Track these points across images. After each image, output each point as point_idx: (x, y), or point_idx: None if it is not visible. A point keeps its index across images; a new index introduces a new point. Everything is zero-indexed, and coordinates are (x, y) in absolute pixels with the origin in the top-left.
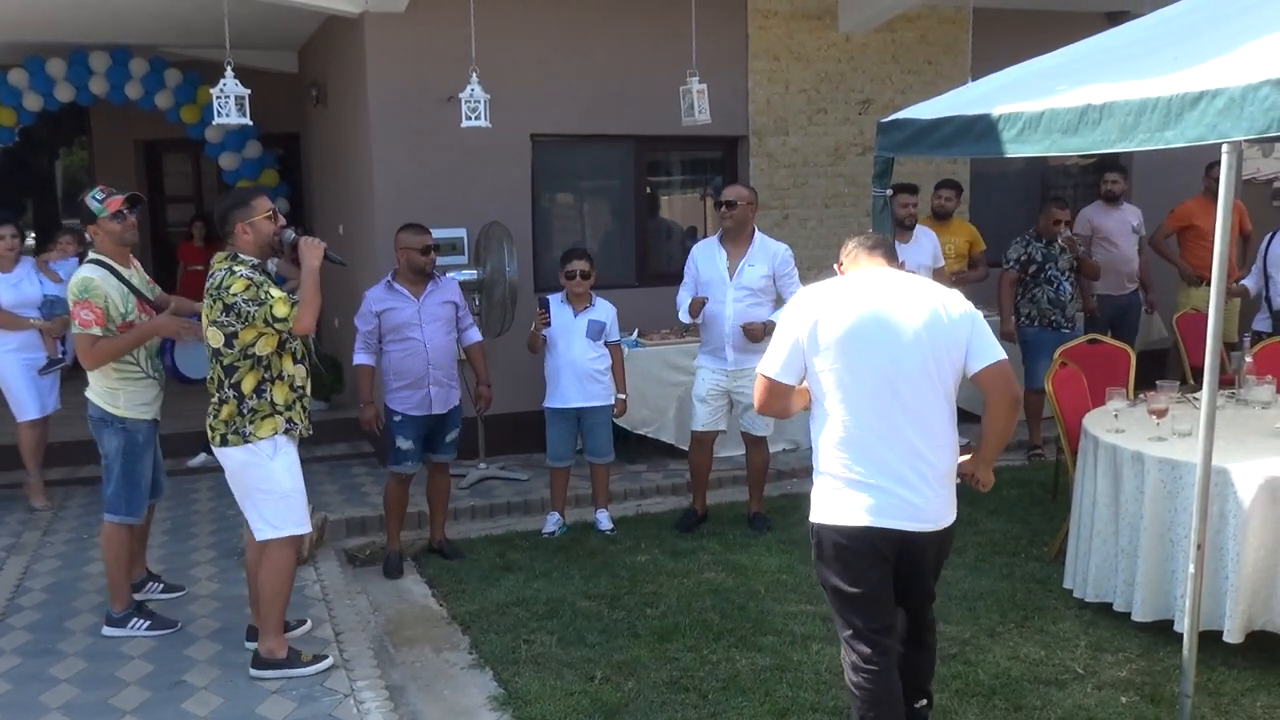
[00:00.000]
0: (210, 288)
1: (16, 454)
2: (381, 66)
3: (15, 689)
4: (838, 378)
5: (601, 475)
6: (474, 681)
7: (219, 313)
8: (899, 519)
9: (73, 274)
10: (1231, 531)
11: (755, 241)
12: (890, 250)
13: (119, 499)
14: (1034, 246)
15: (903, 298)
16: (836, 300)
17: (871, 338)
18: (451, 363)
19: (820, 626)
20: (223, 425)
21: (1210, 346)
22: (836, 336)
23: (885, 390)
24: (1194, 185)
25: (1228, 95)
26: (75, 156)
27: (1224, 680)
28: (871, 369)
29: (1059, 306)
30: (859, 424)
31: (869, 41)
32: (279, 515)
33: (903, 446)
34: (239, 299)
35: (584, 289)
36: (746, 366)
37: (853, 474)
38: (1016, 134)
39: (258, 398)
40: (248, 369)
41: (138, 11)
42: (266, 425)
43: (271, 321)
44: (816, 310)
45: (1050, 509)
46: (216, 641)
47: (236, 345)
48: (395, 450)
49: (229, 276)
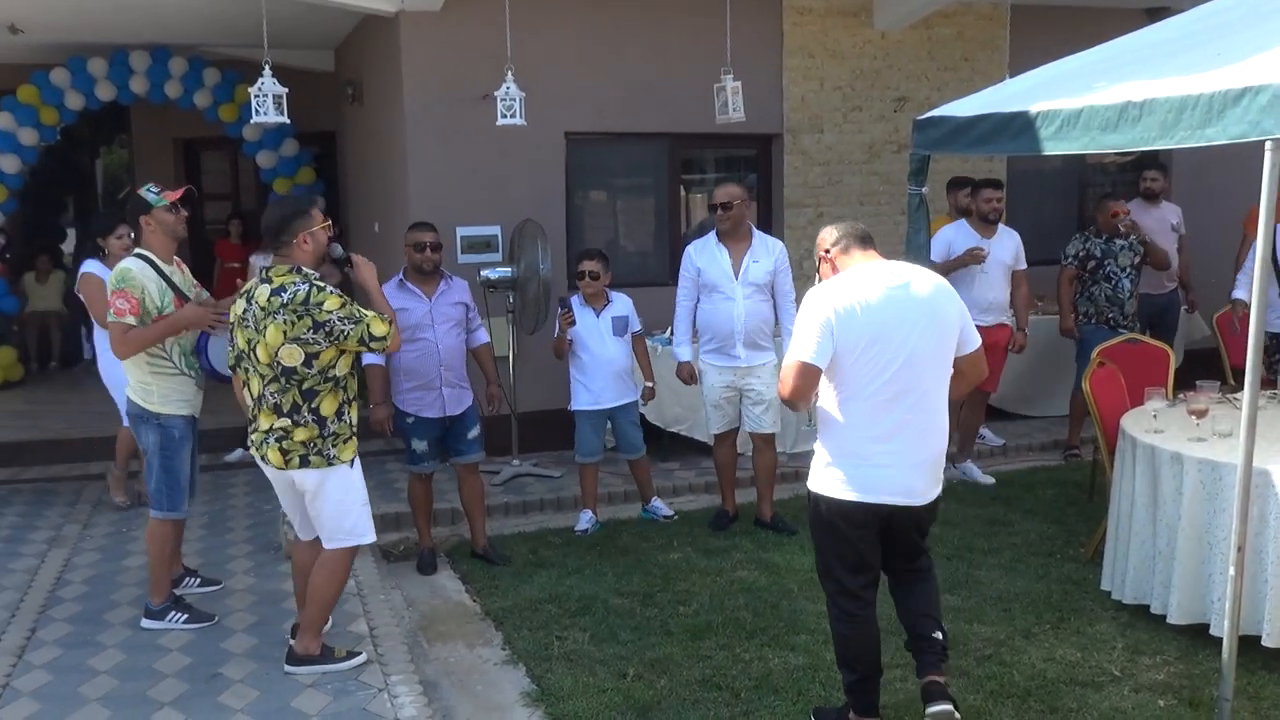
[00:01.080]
0: (292, 302)
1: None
2: (417, 65)
3: (56, 680)
4: (862, 364)
5: (642, 470)
6: (507, 678)
7: (305, 329)
8: (900, 496)
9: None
10: (1272, 534)
11: (755, 238)
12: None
13: (159, 495)
14: (1093, 242)
15: (915, 289)
16: (859, 292)
17: (893, 327)
18: (463, 363)
19: None
20: (300, 447)
21: (1252, 346)
22: (863, 325)
23: (903, 376)
24: (1235, 183)
25: (1271, 91)
26: (115, 155)
27: (1264, 685)
28: (891, 356)
29: (1117, 304)
30: (876, 407)
31: (905, 38)
32: (359, 523)
33: (914, 429)
34: (334, 317)
35: (595, 289)
36: (757, 363)
37: (865, 453)
38: (1055, 131)
39: (338, 420)
40: (328, 391)
41: (178, 12)
42: (349, 448)
43: (369, 340)
44: (844, 300)
45: (1087, 509)
46: (253, 635)
47: (316, 366)
48: (411, 452)
49: (317, 293)
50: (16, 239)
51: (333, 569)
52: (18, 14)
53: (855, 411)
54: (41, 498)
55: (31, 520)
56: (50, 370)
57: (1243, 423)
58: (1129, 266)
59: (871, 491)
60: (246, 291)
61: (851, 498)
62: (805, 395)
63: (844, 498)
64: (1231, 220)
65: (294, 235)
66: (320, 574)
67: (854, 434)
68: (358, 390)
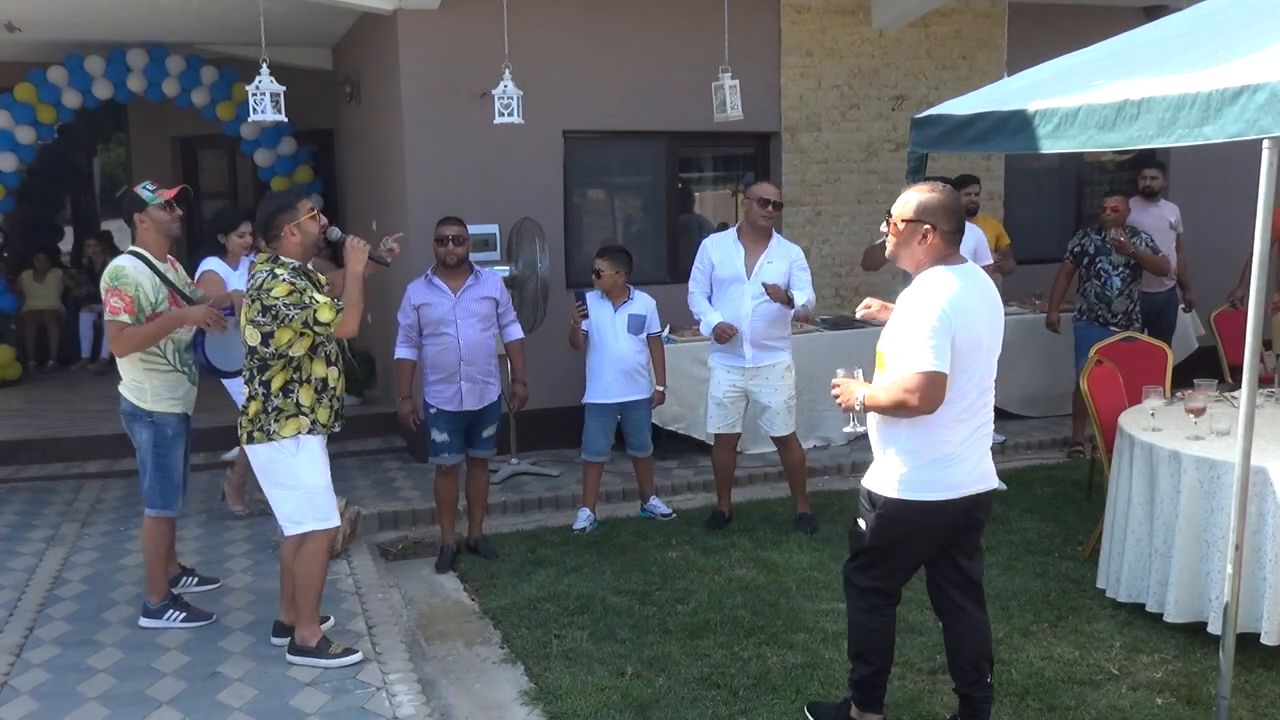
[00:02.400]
0: (251, 287)
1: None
2: (414, 63)
3: (54, 679)
4: (967, 367)
5: (645, 468)
6: (505, 676)
7: (256, 312)
8: (982, 482)
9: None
10: (1270, 532)
11: (774, 240)
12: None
13: (153, 493)
14: (1090, 239)
15: (990, 288)
16: (965, 297)
17: (985, 329)
18: (488, 358)
19: None
20: (249, 423)
21: (1250, 345)
22: (971, 328)
23: (989, 375)
24: (1233, 182)
25: (1269, 90)
26: (113, 153)
27: (1261, 683)
28: (987, 358)
29: (1105, 301)
30: (969, 408)
31: (903, 37)
32: (299, 511)
33: (988, 422)
34: (279, 303)
35: (607, 286)
36: (764, 364)
37: (956, 453)
38: (1052, 130)
39: (284, 397)
40: (279, 368)
41: (176, 10)
42: (290, 425)
43: (313, 325)
44: (956, 304)
45: (1085, 507)
46: (251, 634)
47: (273, 345)
48: (431, 442)
49: (270, 279)
50: (14, 237)
51: (303, 555)
52: (15, 12)
53: (946, 417)
54: (39, 496)
55: (29, 519)
56: (48, 369)
57: (1240, 421)
58: (1121, 265)
59: (960, 486)
60: None
61: (943, 497)
62: (939, 403)
63: (936, 499)
64: (1230, 219)
65: (280, 228)
66: (296, 564)
67: (943, 436)
68: (341, 376)
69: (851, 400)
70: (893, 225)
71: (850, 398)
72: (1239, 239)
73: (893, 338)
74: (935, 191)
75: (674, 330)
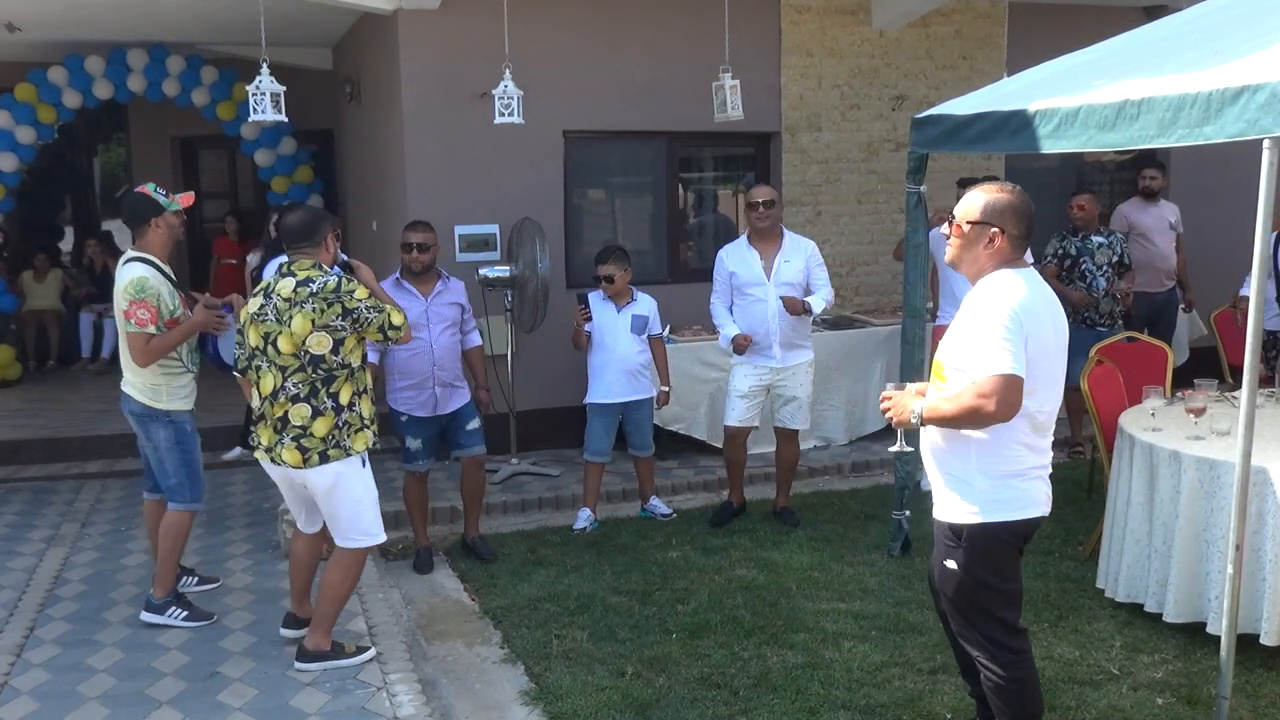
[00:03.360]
0: (323, 291)
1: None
2: (415, 63)
3: (54, 679)
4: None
5: (646, 468)
6: (505, 676)
7: (335, 316)
8: (1049, 502)
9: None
10: (1270, 532)
11: (786, 238)
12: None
13: (182, 488)
14: (1069, 241)
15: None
16: (1035, 301)
17: (1053, 336)
18: (457, 364)
19: (852, 624)
20: (321, 442)
21: (1250, 345)
22: (1042, 335)
23: (1057, 386)
24: (1233, 182)
25: (1269, 90)
26: (113, 153)
27: (1261, 683)
28: (1057, 368)
29: (1090, 303)
30: (1045, 420)
31: (903, 37)
32: (374, 523)
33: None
34: (362, 305)
35: (615, 290)
36: (794, 363)
37: (1033, 465)
38: (1053, 130)
39: (350, 410)
40: (344, 380)
41: (176, 10)
42: (360, 438)
43: (388, 328)
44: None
45: (1085, 507)
46: (252, 634)
47: (341, 354)
48: (405, 450)
49: (347, 283)
50: (14, 237)
51: (347, 567)
52: (15, 12)
53: (1020, 429)
54: (39, 496)
55: (29, 519)
56: (48, 369)
57: (1241, 421)
58: (1105, 265)
59: (1035, 506)
60: (263, 289)
61: (1022, 517)
62: (1016, 411)
63: (1015, 518)
64: (1230, 219)
65: (324, 236)
66: (334, 572)
67: (1018, 453)
68: (370, 385)
69: (906, 415)
70: (955, 227)
71: (904, 412)
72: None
73: (957, 345)
74: (1004, 192)
75: (674, 330)
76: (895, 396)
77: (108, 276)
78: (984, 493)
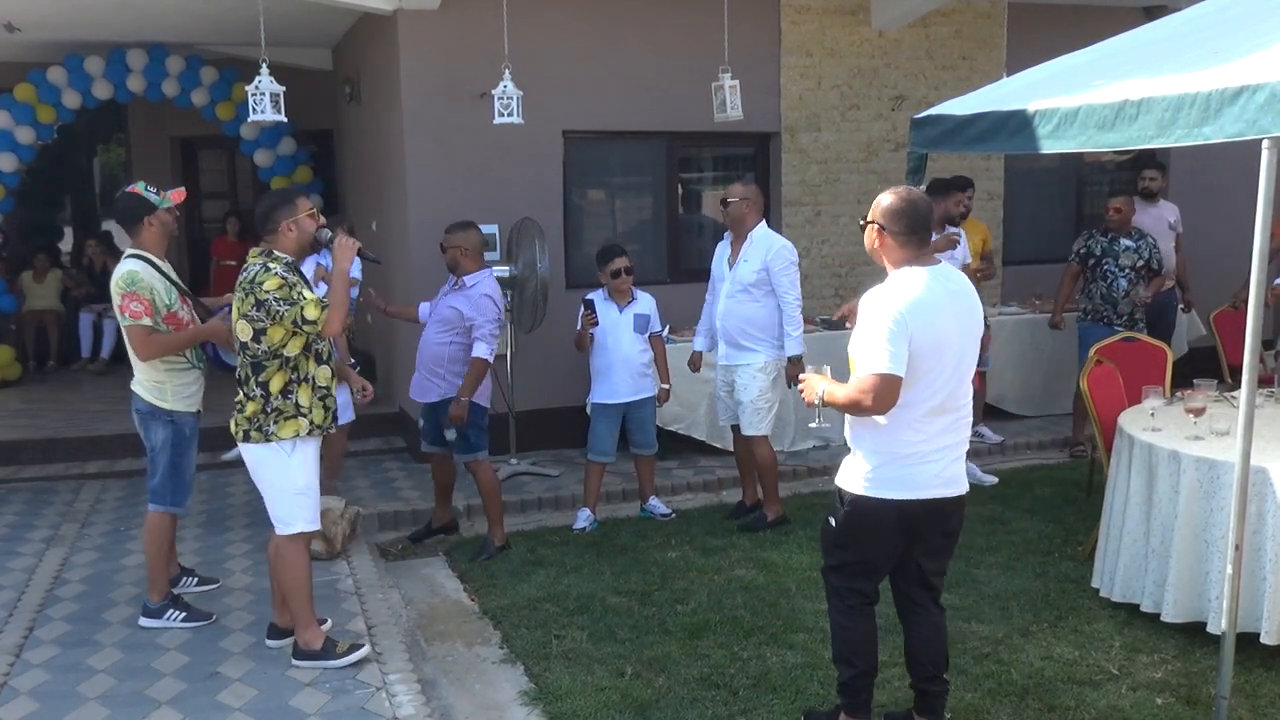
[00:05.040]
0: (243, 281)
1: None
2: (414, 63)
3: (54, 679)
4: (927, 370)
5: (647, 467)
6: (505, 676)
7: (250, 307)
8: (944, 487)
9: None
10: (1269, 532)
11: (752, 237)
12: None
13: (164, 490)
14: (1096, 240)
15: (962, 290)
16: (928, 298)
17: (953, 331)
18: (439, 361)
19: None
20: (246, 422)
21: (1250, 344)
22: (934, 331)
23: (955, 379)
24: (1233, 182)
25: (1269, 90)
26: (113, 153)
27: (1261, 682)
28: (953, 361)
29: (1111, 303)
30: (932, 411)
31: (902, 37)
32: (290, 512)
33: (957, 425)
34: (271, 296)
35: (628, 286)
36: (737, 363)
37: (919, 452)
38: (1052, 130)
39: (283, 398)
40: (275, 369)
41: (175, 10)
42: (289, 426)
43: (301, 323)
44: (916, 305)
45: (1085, 507)
46: (251, 634)
47: (264, 342)
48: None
49: (263, 273)
50: (14, 237)
51: (287, 559)
52: (14, 12)
53: (910, 417)
54: (39, 497)
55: (29, 519)
56: (48, 369)
57: (1240, 421)
58: (1129, 268)
59: (922, 488)
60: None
61: (904, 497)
62: (890, 407)
63: (895, 497)
64: (1230, 219)
65: (278, 223)
66: (279, 567)
67: (908, 436)
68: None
69: (812, 395)
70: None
71: (811, 393)
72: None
73: (855, 339)
74: (890, 194)
75: (674, 330)
76: (809, 379)
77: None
78: (871, 469)
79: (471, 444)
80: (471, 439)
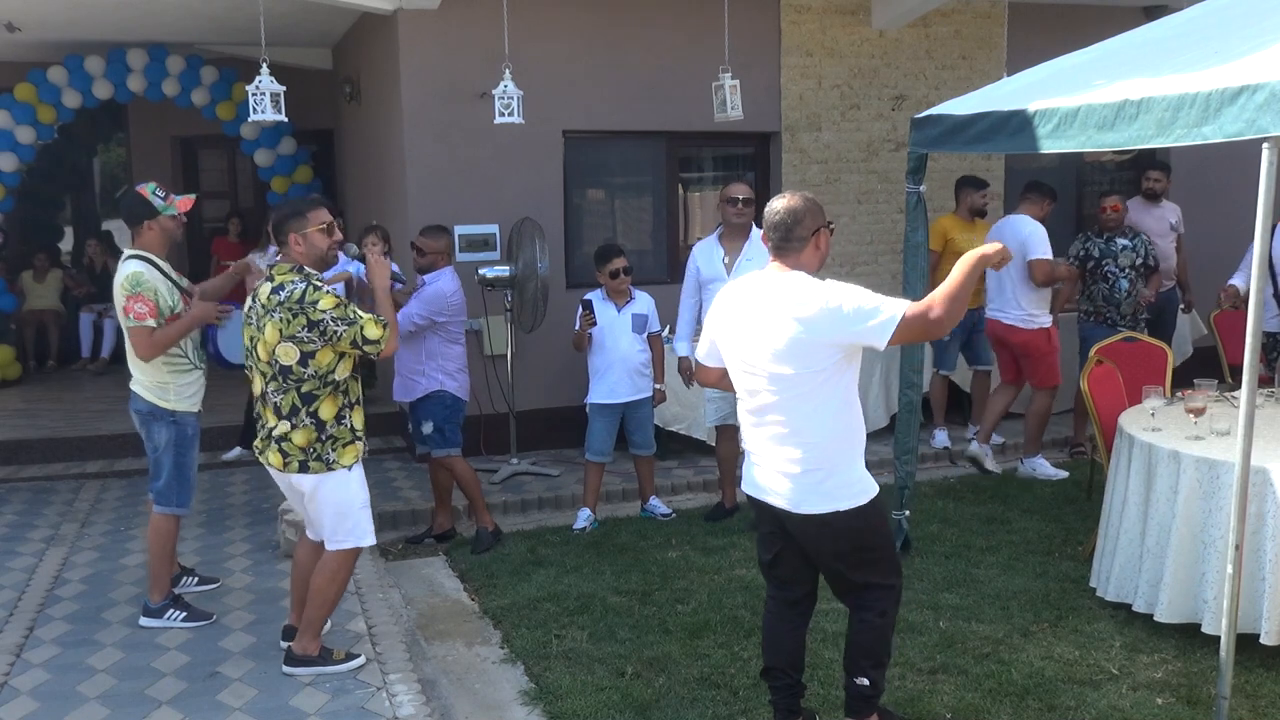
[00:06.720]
0: (289, 301)
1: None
2: (415, 63)
3: (54, 679)
4: (730, 367)
5: (647, 467)
6: (505, 676)
7: (300, 328)
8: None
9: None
10: (1269, 532)
11: (752, 236)
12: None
13: (170, 491)
14: (1093, 242)
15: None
16: (725, 298)
17: (737, 333)
18: (414, 356)
19: None
20: (299, 451)
21: (1250, 345)
22: (723, 329)
23: (752, 380)
24: (1234, 182)
25: (1269, 90)
26: (113, 153)
27: (1261, 682)
28: (740, 360)
29: (1114, 304)
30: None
31: (903, 37)
32: (359, 528)
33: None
34: (328, 315)
35: (626, 285)
36: None
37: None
38: (1052, 130)
39: (338, 424)
40: (327, 395)
41: (175, 10)
42: (349, 453)
43: (361, 343)
44: (716, 304)
45: (1085, 507)
46: (251, 634)
47: (311, 366)
48: None
49: (313, 291)
50: (14, 237)
51: (333, 571)
52: (15, 12)
53: (742, 409)
54: (39, 496)
55: (29, 519)
56: (48, 369)
57: (1240, 421)
58: (1128, 267)
59: (752, 488)
60: (255, 290)
61: (749, 493)
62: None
63: (748, 492)
64: (1230, 219)
65: (286, 236)
66: (321, 575)
67: (746, 433)
68: (361, 393)
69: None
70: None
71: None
72: (1239, 239)
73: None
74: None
75: (672, 331)
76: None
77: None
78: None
79: (446, 438)
80: (447, 433)
